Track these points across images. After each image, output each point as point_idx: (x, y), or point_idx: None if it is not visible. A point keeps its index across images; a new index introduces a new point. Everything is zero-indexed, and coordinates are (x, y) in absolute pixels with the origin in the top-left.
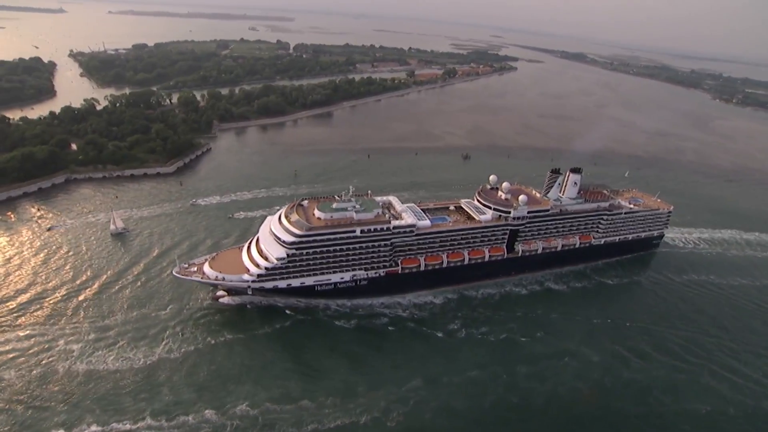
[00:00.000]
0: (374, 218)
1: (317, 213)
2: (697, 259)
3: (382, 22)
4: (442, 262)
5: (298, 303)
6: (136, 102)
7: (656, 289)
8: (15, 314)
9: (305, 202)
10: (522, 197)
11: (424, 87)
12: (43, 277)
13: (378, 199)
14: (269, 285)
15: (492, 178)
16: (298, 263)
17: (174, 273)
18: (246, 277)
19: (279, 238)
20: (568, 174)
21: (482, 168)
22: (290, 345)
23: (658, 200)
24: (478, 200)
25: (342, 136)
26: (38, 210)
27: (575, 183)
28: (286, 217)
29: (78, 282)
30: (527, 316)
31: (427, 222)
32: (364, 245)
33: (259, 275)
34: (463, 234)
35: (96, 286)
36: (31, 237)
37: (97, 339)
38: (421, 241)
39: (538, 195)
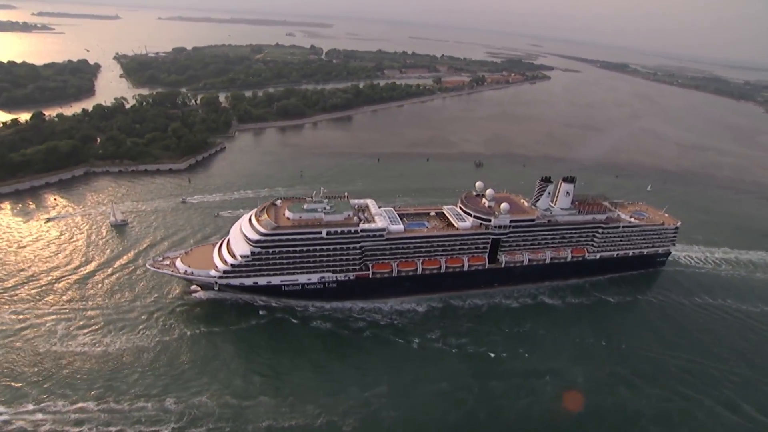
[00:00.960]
0: (343, 220)
1: (287, 213)
2: (716, 281)
3: (420, 30)
4: (417, 268)
5: (277, 303)
6: (162, 102)
7: (662, 311)
8: (11, 294)
9: (278, 202)
10: (504, 205)
11: (450, 94)
12: (40, 263)
13: (355, 201)
14: (235, 282)
15: (478, 184)
16: (263, 261)
17: (147, 265)
18: (213, 272)
19: (246, 236)
20: (560, 183)
21: (494, 176)
22: (261, 342)
23: (666, 215)
24: (460, 207)
25: (356, 139)
26: (54, 200)
27: (567, 193)
28: (257, 216)
29: (70, 268)
30: (513, 331)
31: (400, 227)
32: (331, 247)
33: (225, 271)
34: (438, 241)
35: (86, 273)
36: (38, 225)
37: (80, 322)
38: (393, 246)
39: (526, 204)
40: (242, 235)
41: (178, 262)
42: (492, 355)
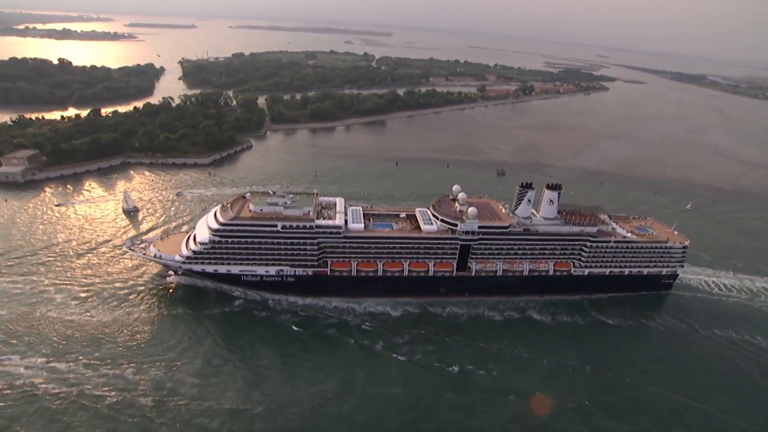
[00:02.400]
0: (300, 215)
1: (250, 205)
2: (747, 313)
3: (480, 39)
4: (377, 270)
5: (254, 294)
6: (205, 101)
7: (668, 340)
8: (28, 262)
9: (248, 195)
10: (471, 210)
11: (492, 102)
12: (58, 238)
13: (323, 199)
14: (197, 268)
15: (455, 188)
16: (222, 250)
17: (125, 247)
18: (177, 258)
19: (208, 225)
20: (543, 191)
21: (515, 185)
22: (228, 329)
23: (675, 233)
24: (430, 210)
25: (382, 143)
26: (90, 185)
27: (551, 201)
28: (222, 207)
29: (79, 244)
30: (488, 345)
31: (359, 225)
32: (287, 241)
33: (187, 257)
34: (401, 243)
35: (92, 249)
36: (65, 207)
37: (76, 293)
38: (351, 245)
39: (504, 210)
40: (206, 224)
41: (151, 247)
42: (455, 368)
